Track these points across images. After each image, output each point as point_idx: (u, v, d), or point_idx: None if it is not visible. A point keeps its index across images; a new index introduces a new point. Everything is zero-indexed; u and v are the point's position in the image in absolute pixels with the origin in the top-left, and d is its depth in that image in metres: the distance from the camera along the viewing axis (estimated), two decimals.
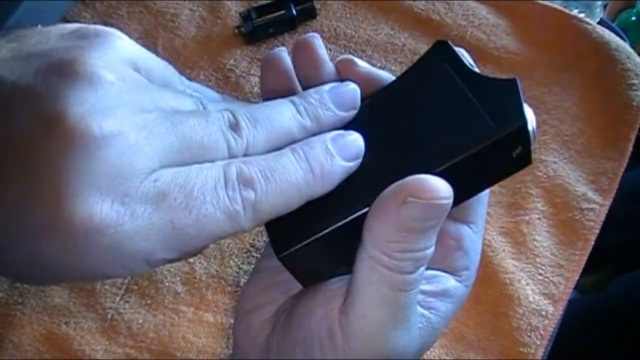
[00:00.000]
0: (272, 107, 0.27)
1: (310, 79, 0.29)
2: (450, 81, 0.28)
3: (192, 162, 0.24)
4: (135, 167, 0.22)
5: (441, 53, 0.29)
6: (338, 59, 0.30)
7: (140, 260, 0.23)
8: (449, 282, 0.29)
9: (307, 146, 0.26)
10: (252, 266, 0.41)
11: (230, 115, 0.25)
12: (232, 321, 0.43)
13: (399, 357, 0.26)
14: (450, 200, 0.24)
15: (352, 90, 0.28)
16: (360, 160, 0.26)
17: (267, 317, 0.28)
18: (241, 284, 0.45)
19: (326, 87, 0.28)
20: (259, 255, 0.43)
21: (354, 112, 0.28)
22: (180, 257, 0.25)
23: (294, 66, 0.30)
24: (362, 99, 0.29)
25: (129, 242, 0.22)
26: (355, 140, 0.27)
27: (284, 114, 0.26)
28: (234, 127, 0.25)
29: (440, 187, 0.23)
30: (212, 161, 0.24)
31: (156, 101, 0.24)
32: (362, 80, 0.29)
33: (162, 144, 0.23)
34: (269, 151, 0.26)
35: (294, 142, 0.26)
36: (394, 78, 0.30)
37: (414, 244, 0.24)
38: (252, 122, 0.26)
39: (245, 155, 0.25)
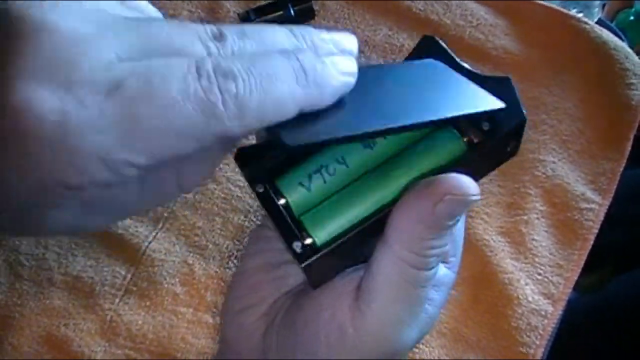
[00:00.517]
0: (265, 27, 0.24)
1: None
2: (447, 73, 0.28)
3: None
4: (84, 56, 0.20)
5: (430, 48, 0.29)
6: None
7: (96, 160, 0.20)
8: (441, 270, 0.29)
9: (298, 50, 0.23)
10: None
11: (214, 27, 0.23)
12: None
13: (404, 351, 0.27)
14: (479, 196, 0.25)
15: (352, 36, 0.26)
16: (354, 79, 0.24)
17: (258, 316, 0.28)
18: None
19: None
20: None
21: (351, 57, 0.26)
22: (149, 164, 0.22)
23: None
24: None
25: (78, 135, 0.20)
26: (349, 59, 0.25)
27: (277, 33, 0.24)
28: (217, 37, 0.23)
29: (471, 185, 0.25)
30: None
31: (123, 13, 0.22)
32: None
33: (121, 39, 0.21)
34: None
35: None
36: None
37: (440, 240, 0.25)
38: (239, 35, 0.23)
39: None
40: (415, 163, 0.26)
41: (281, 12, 0.54)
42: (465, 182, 0.24)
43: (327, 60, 0.24)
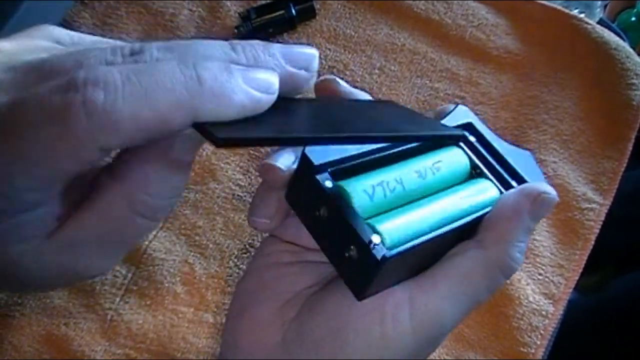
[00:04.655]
0: (198, 42, 0.23)
1: None
2: (411, 112, 0.31)
3: None
4: None
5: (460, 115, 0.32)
6: (319, 79, 0.28)
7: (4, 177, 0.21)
8: None
9: (202, 59, 0.22)
10: None
11: (138, 44, 0.22)
12: None
13: (442, 340, 0.28)
14: (557, 198, 0.28)
15: (309, 51, 0.25)
16: (271, 97, 0.23)
17: (272, 311, 0.28)
18: None
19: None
20: None
21: (304, 74, 0.25)
22: (43, 189, 0.22)
23: None
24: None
25: None
26: (269, 75, 0.23)
27: (210, 48, 0.23)
28: (135, 52, 0.22)
29: (552, 188, 0.28)
30: None
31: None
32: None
33: (19, 81, 0.22)
34: None
35: None
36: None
37: (525, 245, 0.28)
38: (162, 49, 0.22)
39: None
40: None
41: (282, 12, 0.54)
42: (549, 187, 0.28)
43: (239, 73, 0.22)
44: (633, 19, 1.22)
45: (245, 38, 0.54)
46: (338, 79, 0.29)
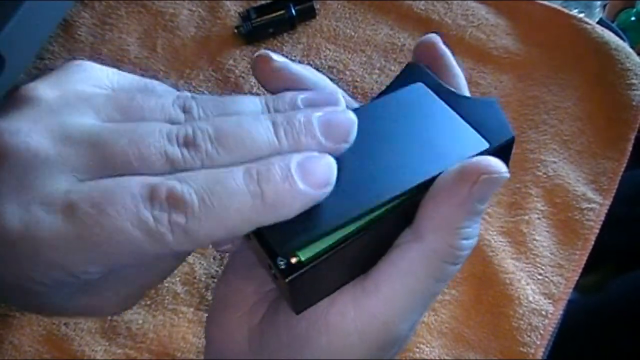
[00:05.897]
0: (246, 124, 0.24)
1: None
2: (431, 100, 0.28)
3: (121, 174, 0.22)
4: (44, 179, 0.22)
5: (414, 75, 0.29)
6: (255, 55, 0.27)
7: (60, 269, 0.22)
8: None
9: (264, 166, 0.23)
10: None
11: (189, 129, 0.23)
12: None
13: (405, 339, 0.27)
14: (508, 174, 0.25)
15: (348, 120, 0.25)
16: (330, 188, 0.23)
17: (238, 315, 0.28)
18: None
19: (318, 111, 0.25)
20: None
21: (345, 146, 0.25)
22: (105, 271, 0.23)
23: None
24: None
25: (39, 249, 0.22)
26: (327, 165, 0.23)
27: (257, 136, 0.24)
28: (188, 142, 0.23)
29: (500, 163, 0.24)
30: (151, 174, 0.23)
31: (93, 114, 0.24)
32: (280, 77, 0.27)
33: (79, 157, 0.23)
34: None
35: None
36: (316, 75, 0.28)
37: (472, 229, 0.25)
38: (213, 142, 0.23)
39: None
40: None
41: (282, 12, 0.54)
42: (496, 162, 0.24)
43: (299, 173, 0.23)
44: (633, 18, 1.22)
45: (245, 38, 0.54)
46: (271, 54, 0.27)
